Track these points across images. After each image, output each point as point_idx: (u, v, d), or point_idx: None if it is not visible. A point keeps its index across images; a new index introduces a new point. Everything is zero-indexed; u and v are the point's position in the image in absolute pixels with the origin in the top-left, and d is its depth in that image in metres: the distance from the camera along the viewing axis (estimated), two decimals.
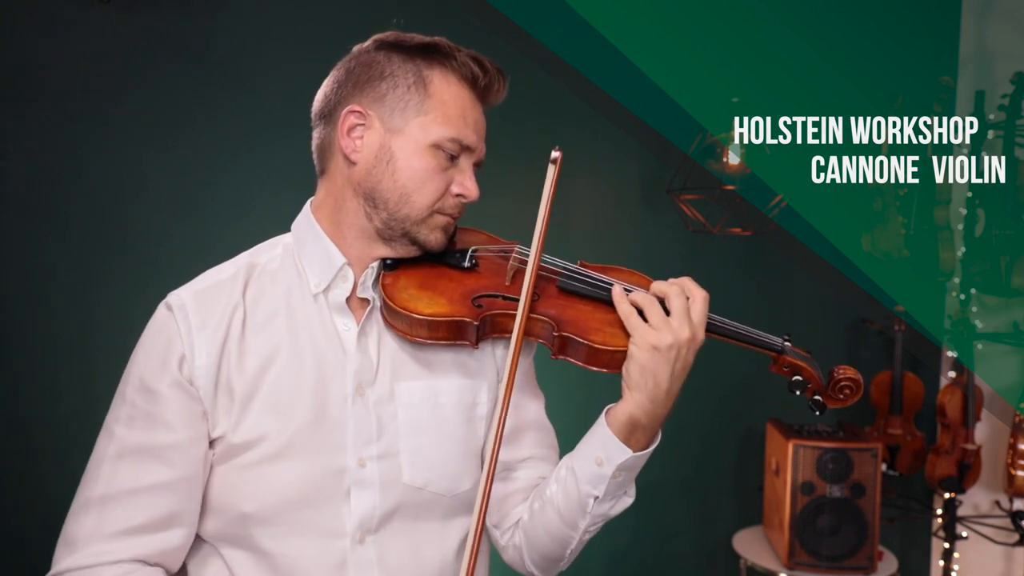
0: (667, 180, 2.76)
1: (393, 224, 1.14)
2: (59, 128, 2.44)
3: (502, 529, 1.26)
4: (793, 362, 1.19)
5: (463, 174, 1.15)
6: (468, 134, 1.14)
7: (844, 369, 1.19)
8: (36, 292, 2.45)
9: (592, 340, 1.11)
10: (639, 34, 2.96)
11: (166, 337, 1.10)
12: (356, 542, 1.12)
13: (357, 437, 1.12)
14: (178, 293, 1.14)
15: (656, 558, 3.10)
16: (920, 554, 3.26)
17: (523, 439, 1.26)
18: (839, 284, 3.18)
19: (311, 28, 2.62)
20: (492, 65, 1.16)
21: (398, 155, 1.12)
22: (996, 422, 3.11)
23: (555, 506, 1.16)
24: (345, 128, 1.13)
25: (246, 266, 1.17)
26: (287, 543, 1.10)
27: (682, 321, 1.08)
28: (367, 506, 1.12)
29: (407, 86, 1.12)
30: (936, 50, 3.15)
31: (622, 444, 1.10)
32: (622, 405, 1.10)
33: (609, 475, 1.11)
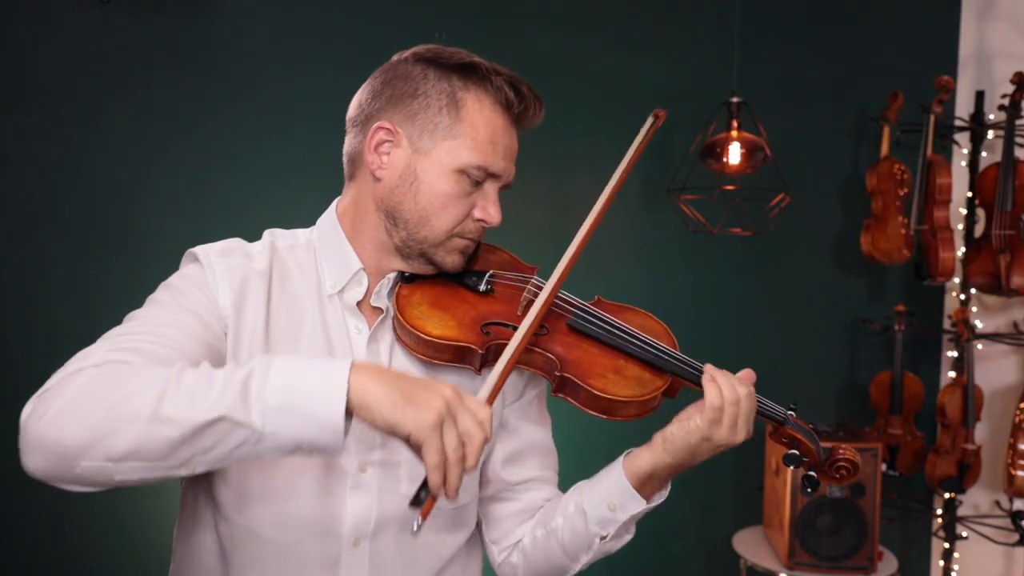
0: (667, 180, 2.76)
1: (411, 244, 1.14)
2: (59, 128, 2.43)
3: (500, 546, 1.27)
4: (793, 434, 1.18)
5: (486, 199, 1.15)
6: (495, 161, 1.13)
7: (844, 449, 1.18)
8: (36, 292, 2.44)
9: (593, 385, 1.10)
10: (639, 33, 2.96)
11: (196, 279, 1.11)
12: (351, 544, 1.13)
13: (361, 441, 1.12)
14: (202, 247, 1.15)
15: (656, 558, 3.10)
16: (920, 554, 3.26)
17: (527, 461, 1.27)
18: (839, 284, 3.19)
19: (311, 29, 2.62)
20: (529, 91, 1.15)
21: (422, 177, 1.12)
22: (996, 422, 3.11)
23: (559, 539, 1.19)
24: (373, 144, 1.14)
25: (270, 246, 1.19)
26: (282, 532, 1.11)
27: (743, 427, 1.11)
28: (363, 511, 1.13)
29: (439, 107, 1.12)
30: (936, 50, 3.16)
31: (639, 496, 1.15)
32: (646, 456, 1.14)
33: (621, 522, 1.16)
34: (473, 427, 0.91)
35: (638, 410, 1.12)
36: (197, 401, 0.86)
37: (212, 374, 0.90)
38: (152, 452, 0.86)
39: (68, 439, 0.86)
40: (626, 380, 1.12)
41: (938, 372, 3.23)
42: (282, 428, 0.87)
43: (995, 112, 2.96)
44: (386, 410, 0.88)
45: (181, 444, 0.86)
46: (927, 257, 2.92)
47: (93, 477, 0.88)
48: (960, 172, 3.03)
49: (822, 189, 3.14)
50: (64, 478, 0.88)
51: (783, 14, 3.06)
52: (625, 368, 1.14)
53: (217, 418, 0.86)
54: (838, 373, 3.21)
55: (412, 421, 0.88)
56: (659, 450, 1.13)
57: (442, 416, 0.89)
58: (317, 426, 0.87)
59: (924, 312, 3.18)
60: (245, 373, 0.88)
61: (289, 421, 0.87)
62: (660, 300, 3.00)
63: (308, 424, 0.87)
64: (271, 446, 0.88)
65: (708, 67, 2.88)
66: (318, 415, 0.87)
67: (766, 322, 3.06)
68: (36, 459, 0.87)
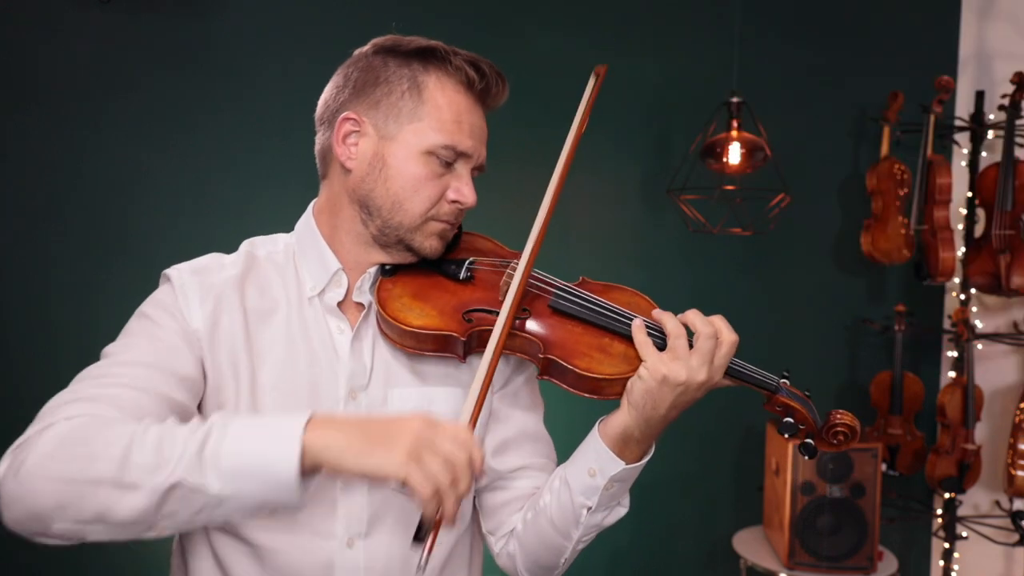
0: (667, 180, 2.76)
1: (388, 231, 1.14)
2: (59, 128, 2.43)
3: (496, 536, 1.26)
4: (787, 402, 1.15)
5: (459, 180, 1.14)
6: (463, 139, 1.13)
7: (841, 414, 1.16)
8: (36, 292, 2.44)
9: (577, 365, 1.09)
10: (639, 33, 2.96)
11: (168, 303, 1.11)
12: (345, 545, 1.12)
13: None
14: (176, 267, 1.15)
15: (656, 558, 3.10)
16: (920, 554, 3.26)
17: (519, 449, 1.25)
18: (839, 284, 3.19)
19: (311, 29, 2.62)
20: (490, 69, 1.15)
21: (390, 162, 1.12)
22: (996, 422, 3.11)
23: (548, 516, 1.17)
24: (340, 135, 1.14)
25: (246, 255, 1.18)
26: (276, 538, 1.10)
27: (702, 363, 1.06)
28: (355, 510, 1.12)
29: (401, 92, 1.12)
30: (936, 50, 3.16)
31: (615, 456, 1.11)
32: (617, 417, 1.11)
33: (602, 486, 1.12)
34: (453, 449, 0.89)
35: (623, 387, 1.11)
36: (157, 466, 0.87)
37: (173, 436, 0.89)
38: (118, 518, 0.87)
39: (40, 502, 0.87)
40: (611, 358, 1.10)
41: (938, 372, 3.23)
42: (240, 491, 0.87)
43: (995, 112, 2.96)
44: (353, 460, 0.87)
45: (145, 511, 0.87)
46: (927, 257, 2.92)
47: (67, 535, 0.89)
48: (960, 172, 3.03)
49: (822, 189, 3.14)
50: (42, 535, 0.90)
51: (783, 14, 3.06)
52: (610, 346, 1.12)
53: (175, 483, 0.86)
54: (838, 373, 3.21)
55: (384, 462, 0.87)
56: (625, 405, 1.09)
57: (415, 447, 0.88)
58: (272, 487, 0.87)
59: (924, 312, 3.18)
60: (202, 436, 0.88)
61: (245, 485, 0.87)
62: (660, 300, 2.99)
63: (263, 486, 0.87)
64: (233, 508, 0.88)
65: (708, 67, 2.88)
66: (271, 477, 0.87)
67: (766, 322, 3.06)
68: (14, 515, 0.89)
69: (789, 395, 1.15)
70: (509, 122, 2.85)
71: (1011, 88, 2.84)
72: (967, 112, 3.03)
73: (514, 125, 2.78)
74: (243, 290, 1.14)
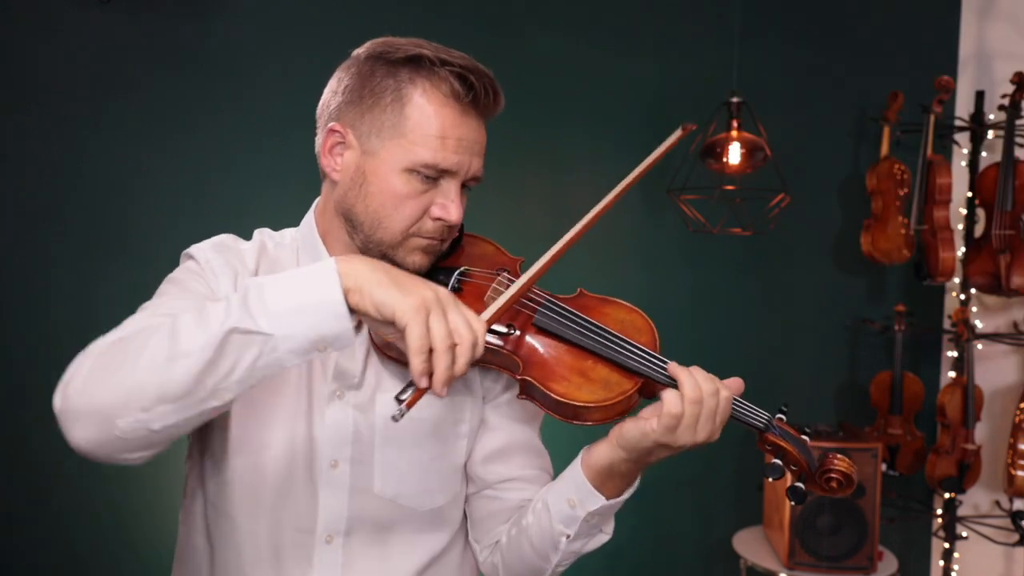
0: (667, 180, 2.76)
1: (371, 246, 1.13)
2: (59, 128, 2.43)
3: (482, 545, 1.25)
4: (777, 442, 1.08)
5: (445, 196, 1.10)
6: (446, 156, 1.08)
7: (839, 460, 1.07)
8: (36, 292, 2.44)
9: (553, 389, 1.04)
10: (639, 33, 2.96)
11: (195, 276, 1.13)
12: (324, 541, 1.13)
13: (332, 438, 1.12)
14: (198, 246, 1.17)
15: (656, 558, 3.10)
16: (920, 554, 3.26)
17: (508, 460, 1.23)
18: (839, 284, 3.19)
19: (311, 29, 2.62)
20: (479, 79, 1.09)
21: (370, 179, 1.10)
22: (996, 422, 3.11)
23: (528, 537, 1.15)
24: (327, 146, 1.13)
25: (259, 244, 1.20)
26: (256, 523, 1.12)
27: (704, 425, 1.04)
28: (335, 508, 1.12)
29: (384, 105, 1.09)
30: (936, 50, 3.16)
31: (595, 491, 1.09)
32: (602, 451, 1.08)
33: (581, 518, 1.11)
34: (463, 327, 0.91)
35: (604, 415, 1.05)
36: (204, 328, 0.88)
37: (214, 304, 0.91)
38: (177, 390, 0.88)
39: (99, 401, 0.88)
40: (590, 383, 1.05)
41: (938, 372, 3.23)
42: (293, 328, 0.88)
43: (995, 112, 2.96)
44: (374, 289, 0.89)
45: (203, 371, 0.88)
46: (927, 257, 2.92)
47: (134, 434, 0.89)
48: (960, 172, 3.03)
49: (822, 189, 3.14)
50: (108, 444, 0.90)
51: (783, 14, 3.06)
52: (592, 370, 1.07)
53: (228, 331, 0.88)
54: (838, 373, 3.21)
55: (397, 301, 0.89)
56: (614, 445, 1.07)
57: (427, 303, 0.90)
58: (323, 317, 0.89)
59: (924, 312, 3.18)
60: (241, 292, 0.90)
61: (296, 319, 0.88)
62: (660, 300, 3.00)
63: (314, 318, 0.89)
64: (288, 349, 0.89)
65: (708, 67, 2.88)
66: (320, 305, 0.89)
67: (766, 322, 3.06)
68: (78, 431, 0.89)
69: (782, 434, 1.08)
70: (509, 122, 2.84)
71: (1011, 88, 2.84)
72: (967, 112, 3.03)
73: (514, 125, 2.78)
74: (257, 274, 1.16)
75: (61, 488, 2.46)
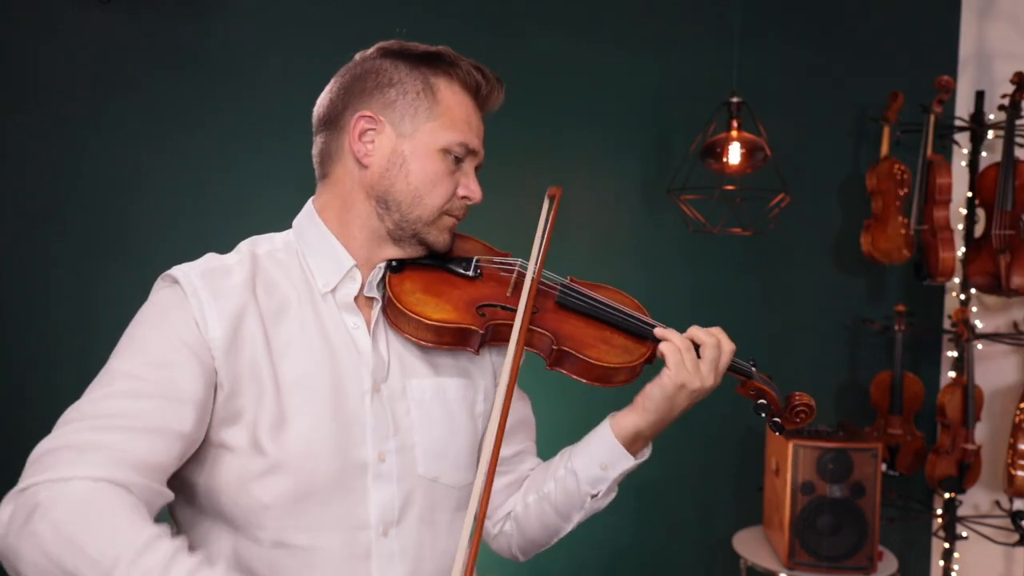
0: (667, 180, 2.76)
1: (405, 225, 1.18)
2: (59, 128, 2.43)
3: (493, 520, 1.34)
4: (760, 386, 1.28)
5: (467, 177, 1.21)
6: (472, 138, 1.20)
7: (799, 395, 1.29)
8: (36, 292, 2.44)
9: (589, 355, 1.19)
10: (639, 33, 2.96)
11: (176, 309, 1.07)
12: (380, 534, 1.14)
13: (376, 432, 1.14)
14: (181, 268, 1.11)
15: (656, 558, 3.10)
16: (920, 554, 3.26)
17: (517, 434, 1.35)
18: (839, 284, 3.19)
19: (311, 29, 2.62)
20: (492, 75, 1.22)
21: (410, 159, 1.17)
22: (996, 422, 3.11)
23: (552, 502, 1.27)
24: (356, 133, 1.17)
25: (249, 255, 1.16)
26: (311, 535, 1.10)
27: (710, 371, 1.21)
28: (387, 498, 1.14)
29: (416, 92, 1.17)
30: (936, 50, 3.16)
31: (628, 454, 1.23)
32: (631, 418, 1.24)
33: (612, 478, 1.24)
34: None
35: (627, 376, 1.22)
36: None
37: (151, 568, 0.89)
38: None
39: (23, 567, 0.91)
40: (615, 349, 1.22)
41: (938, 372, 3.23)
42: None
43: (995, 112, 2.96)
44: None
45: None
46: (927, 257, 2.92)
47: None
48: (960, 172, 3.03)
49: (822, 189, 3.14)
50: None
51: (783, 14, 3.06)
52: (612, 339, 1.23)
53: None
54: (838, 373, 3.21)
55: None
56: (640, 409, 1.23)
57: None
58: None
59: (924, 312, 3.18)
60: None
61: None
62: (660, 300, 2.99)
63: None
64: None
65: (708, 67, 2.88)
66: None
67: (766, 322, 3.06)
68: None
69: (760, 379, 1.29)
70: (509, 122, 2.83)
71: (1011, 88, 2.84)
72: (967, 112, 3.03)
73: (514, 125, 2.78)
74: (255, 292, 1.12)
75: None
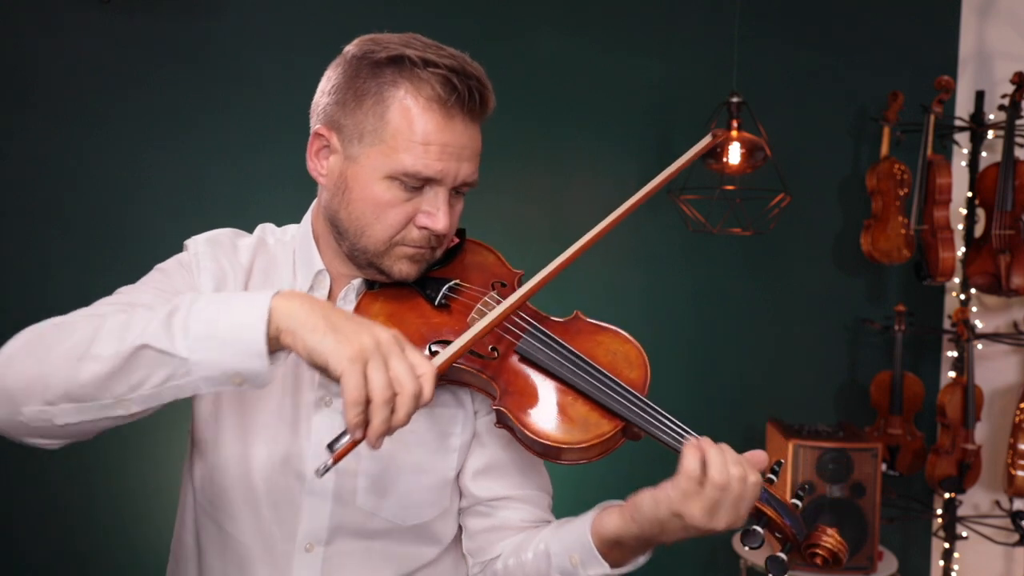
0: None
1: (356, 254, 1.10)
2: (59, 128, 2.43)
3: (475, 559, 1.20)
4: (760, 508, 0.98)
5: (431, 204, 1.05)
6: (429, 164, 1.02)
7: (828, 536, 0.97)
8: (36, 292, 2.44)
9: (525, 425, 0.98)
10: (639, 34, 2.96)
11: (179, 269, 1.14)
12: (304, 550, 1.10)
13: (319, 446, 1.09)
14: (194, 238, 1.18)
15: (656, 558, 3.08)
16: (920, 554, 3.26)
17: (501, 478, 1.17)
18: (839, 284, 3.19)
19: (311, 29, 2.62)
20: (464, 82, 1.03)
21: (352, 186, 1.06)
22: (996, 422, 3.11)
23: (525, 574, 1.11)
24: (312, 150, 1.11)
25: (258, 240, 1.20)
26: (238, 527, 1.11)
27: (727, 513, 0.95)
28: (317, 517, 1.10)
29: (366, 109, 1.04)
30: (936, 50, 3.16)
31: (601, 560, 1.04)
32: (614, 520, 1.03)
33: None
34: (405, 376, 0.85)
35: (579, 455, 1.00)
36: (122, 336, 0.86)
37: (142, 312, 0.89)
38: (83, 390, 0.86)
39: (10, 383, 0.87)
40: (568, 422, 0.99)
41: (938, 372, 3.23)
42: (207, 356, 0.85)
43: (995, 112, 2.96)
44: (307, 335, 0.85)
45: (109, 379, 0.86)
46: (927, 257, 2.92)
47: (37, 423, 0.88)
48: (960, 172, 3.03)
49: (822, 189, 3.14)
50: (13, 427, 0.89)
51: (783, 14, 3.06)
52: (572, 406, 1.00)
53: (140, 346, 0.85)
54: (838, 373, 3.21)
55: (331, 349, 0.84)
56: (627, 517, 1.01)
57: (366, 352, 0.85)
58: (241, 351, 0.85)
59: (924, 312, 3.18)
60: (171, 307, 0.88)
61: (213, 348, 0.85)
62: (660, 300, 3.00)
63: (232, 349, 0.85)
64: (200, 376, 0.86)
65: (708, 67, 2.88)
66: (240, 339, 0.85)
67: (766, 322, 3.06)
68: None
69: (768, 500, 0.98)
70: (509, 122, 2.84)
71: (1011, 88, 2.84)
72: (967, 112, 3.03)
73: (514, 126, 2.78)
74: (250, 275, 1.15)
75: (62, 487, 2.46)
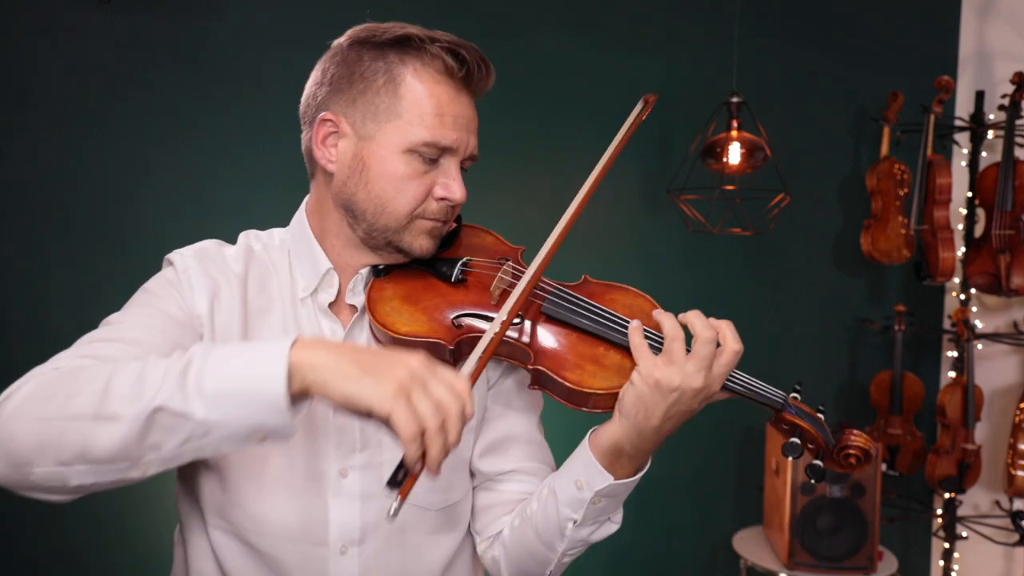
0: (667, 180, 2.76)
1: (375, 234, 1.10)
2: (59, 128, 2.43)
3: (482, 537, 1.21)
4: (795, 421, 1.06)
5: (446, 175, 1.08)
6: (445, 134, 1.06)
7: (856, 435, 1.06)
8: (36, 292, 2.44)
9: (567, 378, 1.02)
10: (639, 34, 2.96)
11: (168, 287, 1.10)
12: (338, 553, 1.09)
13: (340, 446, 1.09)
14: (179, 252, 1.13)
15: (656, 558, 3.10)
16: (920, 554, 3.26)
17: (508, 451, 1.20)
18: (839, 284, 3.19)
19: (311, 29, 2.62)
20: (471, 53, 1.07)
21: (370, 164, 1.07)
22: (996, 422, 3.11)
23: (534, 525, 1.12)
24: (320, 137, 1.10)
25: (245, 249, 1.17)
26: (266, 541, 1.09)
27: (699, 368, 0.99)
28: (347, 518, 1.10)
29: (377, 88, 1.06)
30: (936, 50, 3.16)
31: (603, 470, 1.05)
32: (608, 428, 1.05)
33: (588, 500, 1.06)
34: (447, 397, 0.84)
35: (614, 402, 1.04)
36: (138, 395, 0.82)
37: (154, 366, 0.85)
38: (99, 453, 0.82)
39: (20, 444, 0.83)
40: (604, 370, 1.03)
41: (938, 372, 3.23)
42: (226, 416, 0.82)
43: (995, 112, 2.96)
44: (339, 384, 0.82)
45: (126, 443, 0.82)
46: (927, 257, 2.92)
47: (49, 483, 0.85)
48: (960, 172, 3.03)
49: (822, 189, 3.14)
50: (22, 485, 0.86)
51: (783, 14, 3.06)
52: (605, 356, 1.05)
53: (157, 408, 0.81)
54: (838, 373, 3.21)
55: (371, 392, 0.81)
56: (616, 416, 1.03)
57: (405, 385, 0.82)
58: (260, 409, 0.82)
59: (924, 312, 3.18)
60: (184, 363, 0.84)
61: (232, 407, 0.82)
62: (660, 300, 2.98)
63: (251, 408, 0.82)
64: (221, 436, 0.83)
65: (708, 67, 2.88)
66: (259, 398, 0.81)
67: (766, 322, 3.06)
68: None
69: (798, 413, 1.06)
70: (509, 121, 2.85)
71: (1011, 88, 2.84)
72: (967, 112, 3.03)
73: (514, 125, 2.79)
74: (246, 284, 1.13)
75: None
